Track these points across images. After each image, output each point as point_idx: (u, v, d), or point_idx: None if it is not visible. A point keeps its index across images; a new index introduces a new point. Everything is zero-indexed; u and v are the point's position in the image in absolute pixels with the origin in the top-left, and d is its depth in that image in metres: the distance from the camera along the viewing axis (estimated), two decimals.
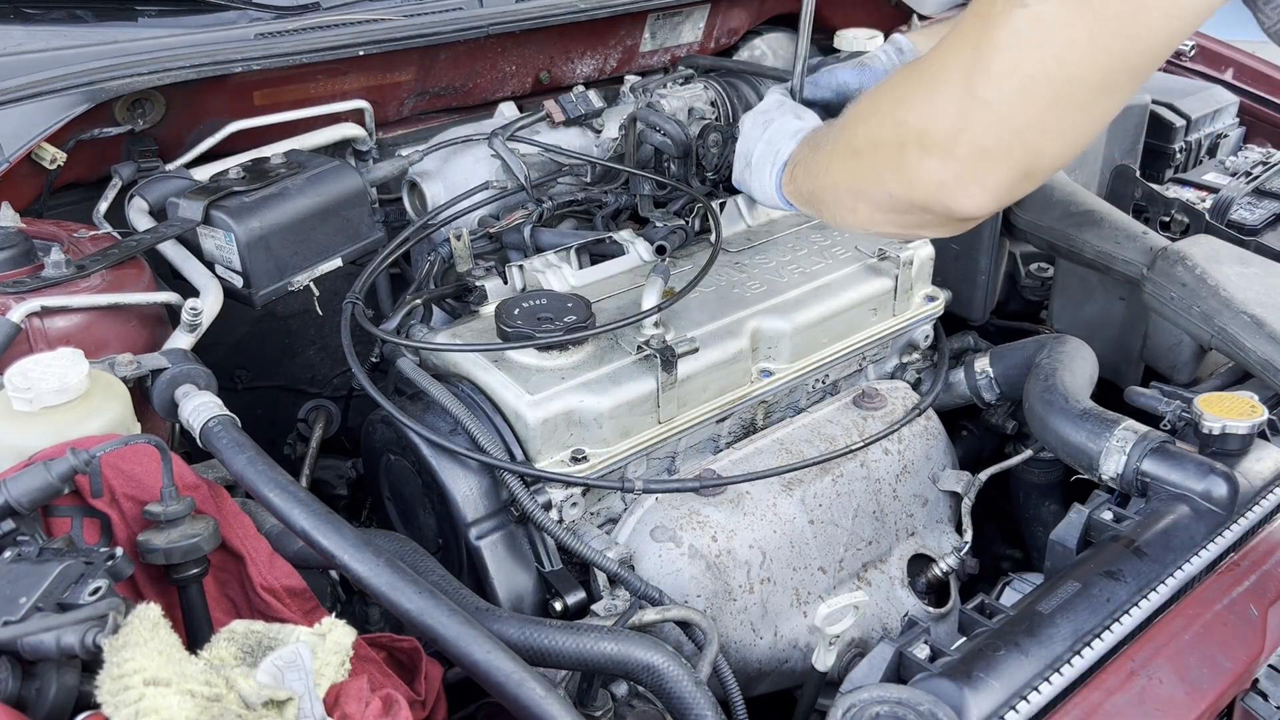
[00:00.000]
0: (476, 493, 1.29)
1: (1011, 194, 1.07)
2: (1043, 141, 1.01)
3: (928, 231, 1.21)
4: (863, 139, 1.19)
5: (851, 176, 1.24)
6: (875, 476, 1.51)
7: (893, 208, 1.17)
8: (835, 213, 1.32)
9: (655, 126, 1.70)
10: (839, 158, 1.26)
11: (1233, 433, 1.32)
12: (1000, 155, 1.03)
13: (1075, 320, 1.92)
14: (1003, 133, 1.01)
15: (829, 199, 1.32)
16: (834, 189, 1.29)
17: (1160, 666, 1.09)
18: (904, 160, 1.10)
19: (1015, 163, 1.03)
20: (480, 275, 1.51)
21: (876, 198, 1.18)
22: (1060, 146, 1.03)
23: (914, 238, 1.32)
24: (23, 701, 0.77)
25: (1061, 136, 1.02)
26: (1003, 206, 1.11)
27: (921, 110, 1.07)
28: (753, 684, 1.38)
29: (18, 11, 1.61)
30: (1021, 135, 1.01)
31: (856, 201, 1.23)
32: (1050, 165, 1.06)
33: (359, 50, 1.55)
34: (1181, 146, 2.24)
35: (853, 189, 1.23)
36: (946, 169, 1.06)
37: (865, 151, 1.19)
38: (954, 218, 1.11)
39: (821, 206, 1.36)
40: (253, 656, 0.83)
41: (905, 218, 1.18)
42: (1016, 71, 0.98)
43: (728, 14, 2.12)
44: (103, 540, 0.98)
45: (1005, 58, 0.98)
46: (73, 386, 1.02)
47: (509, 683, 0.89)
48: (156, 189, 1.41)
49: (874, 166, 1.17)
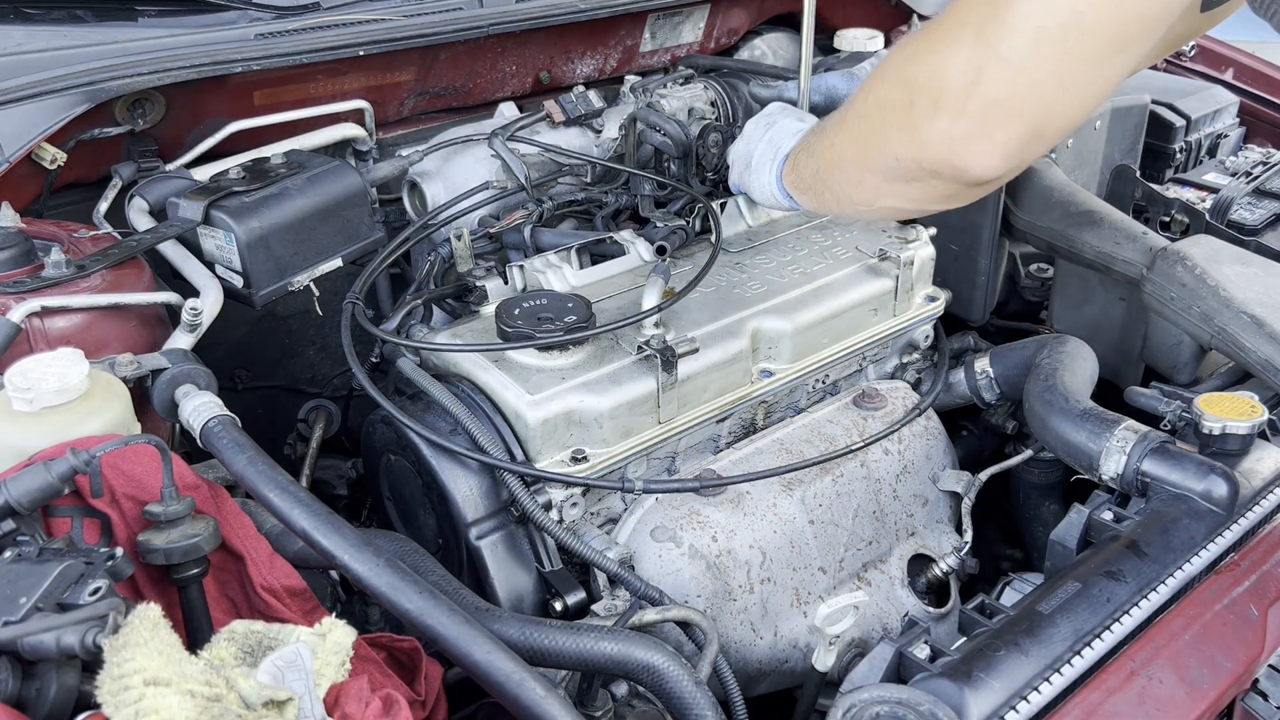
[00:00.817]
0: (476, 493, 1.29)
1: (1022, 154, 1.05)
2: (1055, 97, 1.00)
3: (935, 202, 1.17)
4: (871, 103, 1.16)
5: (857, 144, 1.21)
6: (875, 476, 1.51)
7: (900, 174, 1.14)
8: (840, 190, 1.29)
9: (655, 126, 1.70)
10: (846, 127, 1.23)
11: (1233, 433, 1.32)
12: (1013, 110, 1.01)
13: (1075, 320, 1.92)
14: (1016, 85, 1.00)
15: (833, 176, 1.29)
16: (838, 163, 1.26)
17: (1160, 666, 1.09)
18: (912, 119, 1.08)
19: (1027, 118, 1.02)
20: (480, 275, 1.51)
21: (883, 165, 1.15)
22: (1072, 104, 1.02)
23: (919, 212, 1.30)
24: (23, 701, 0.77)
25: (1074, 92, 1.01)
26: (1012, 170, 1.08)
27: (932, 66, 1.05)
28: (753, 684, 1.38)
29: (18, 11, 1.61)
30: (1035, 88, 1.00)
31: (861, 173, 1.21)
32: (1061, 124, 1.04)
33: (359, 50, 1.55)
34: (1181, 146, 2.25)
35: (858, 158, 1.21)
36: (956, 125, 1.04)
37: (873, 114, 1.16)
38: (963, 180, 1.09)
39: (824, 188, 1.32)
40: (253, 656, 0.83)
41: (912, 186, 1.15)
42: (1030, 21, 0.97)
43: (728, 14, 2.12)
44: (103, 540, 0.98)
45: (1019, 9, 0.98)
46: (73, 386, 1.02)
47: (509, 683, 0.89)
48: (156, 189, 1.41)
49: (881, 129, 1.14)
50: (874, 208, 1.25)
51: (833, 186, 1.30)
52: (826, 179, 1.30)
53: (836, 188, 1.29)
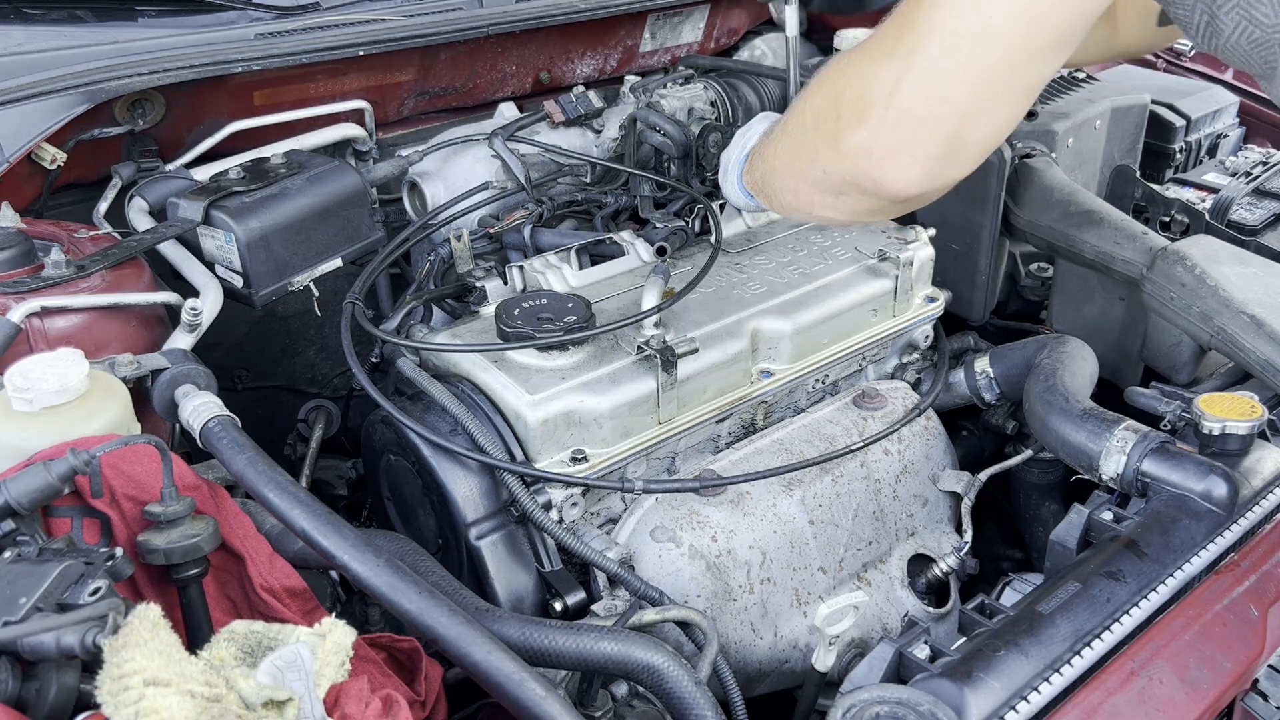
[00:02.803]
0: (476, 493, 1.29)
1: (943, 168, 1.05)
2: (971, 105, 1.00)
3: (863, 215, 1.18)
4: (806, 113, 1.18)
5: (792, 154, 1.23)
6: (875, 477, 1.51)
7: (827, 186, 1.15)
8: (781, 197, 1.31)
9: (655, 127, 1.70)
10: (785, 135, 1.25)
11: (1233, 433, 1.32)
12: (929, 121, 1.01)
13: (1075, 320, 1.92)
14: (931, 95, 1.00)
15: (775, 182, 1.31)
16: (779, 170, 1.28)
17: (1160, 666, 1.09)
18: (838, 130, 1.09)
19: (944, 131, 1.02)
20: (480, 276, 1.51)
21: (813, 175, 1.17)
22: (989, 113, 1.02)
23: (854, 223, 1.31)
24: (23, 702, 0.77)
25: (989, 100, 1.01)
26: (933, 187, 1.08)
27: (858, 78, 1.07)
28: (753, 684, 1.38)
29: (18, 11, 1.61)
30: (949, 99, 1.00)
31: (797, 182, 1.23)
32: (981, 136, 1.04)
33: (359, 50, 1.55)
34: (1181, 146, 2.25)
35: (793, 168, 1.22)
36: (875, 138, 1.05)
37: (806, 125, 1.18)
38: (883, 194, 1.09)
39: (771, 191, 1.34)
40: (253, 657, 0.83)
41: (840, 199, 1.16)
42: (940, 29, 0.98)
43: (728, 14, 2.12)
44: (103, 540, 0.98)
45: (932, 18, 0.99)
46: (73, 387, 1.02)
47: (509, 683, 0.89)
48: (156, 189, 1.41)
49: (812, 141, 1.16)
50: (812, 215, 1.27)
51: (776, 192, 1.32)
52: (771, 183, 1.32)
53: (779, 194, 1.31)
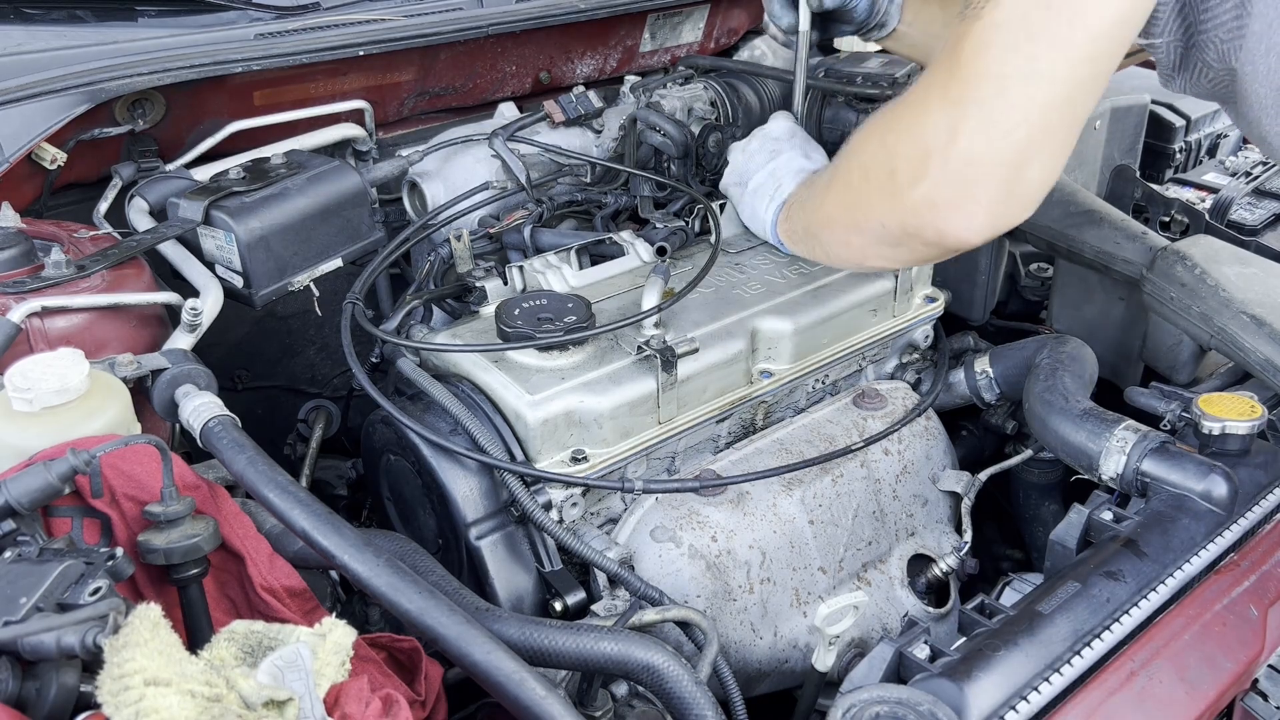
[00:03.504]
0: (476, 493, 1.29)
1: (1004, 213, 1.06)
2: (1028, 144, 1.01)
3: (919, 262, 1.22)
4: (856, 169, 1.19)
5: (844, 209, 1.24)
6: (875, 477, 1.51)
7: (885, 238, 1.17)
8: (829, 248, 1.33)
9: (655, 127, 1.70)
10: (833, 191, 1.26)
11: (1233, 433, 1.32)
12: (990, 165, 1.03)
13: (1075, 320, 1.92)
14: (991, 135, 1.01)
15: (824, 235, 1.32)
16: (828, 223, 1.30)
17: (1160, 666, 1.09)
18: (895, 185, 1.10)
19: (1005, 175, 1.03)
20: (480, 276, 1.51)
21: (869, 228, 1.18)
22: (1046, 152, 1.03)
23: (909, 268, 1.34)
24: (23, 702, 0.77)
25: (1046, 137, 1.02)
26: (995, 233, 1.09)
27: (910, 132, 1.08)
28: (753, 684, 1.38)
29: (18, 11, 1.61)
30: (1008, 138, 1.01)
31: (849, 234, 1.24)
32: (1038, 176, 1.05)
33: (359, 50, 1.55)
34: (1181, 146, 2.25)
35: (846, 222, 1.24)
36: (937, 189, 1.06)
37: (857, 182, 1.19)
38: (946, 244, 1.10)
39: (815, 244, 1.37)
40: (253, 657, 0.83)
41: (899, 250, 1.18)
42: (989, 74, 0.99)
43: (728, 14, 2.12)
44: (103, 540, 0.98)
45: (977, 65, 1.00)
46: (73, 387, 1.02)
47: (509, 683, 0.89)
48: (156, 189, 1.41)
49: (866, 196, 1.17)
50: (864, 266, 1.31)
51: (824, 243, 1.34)
52: (818, 235, 1.34)
53: (827, 245, 1.33)
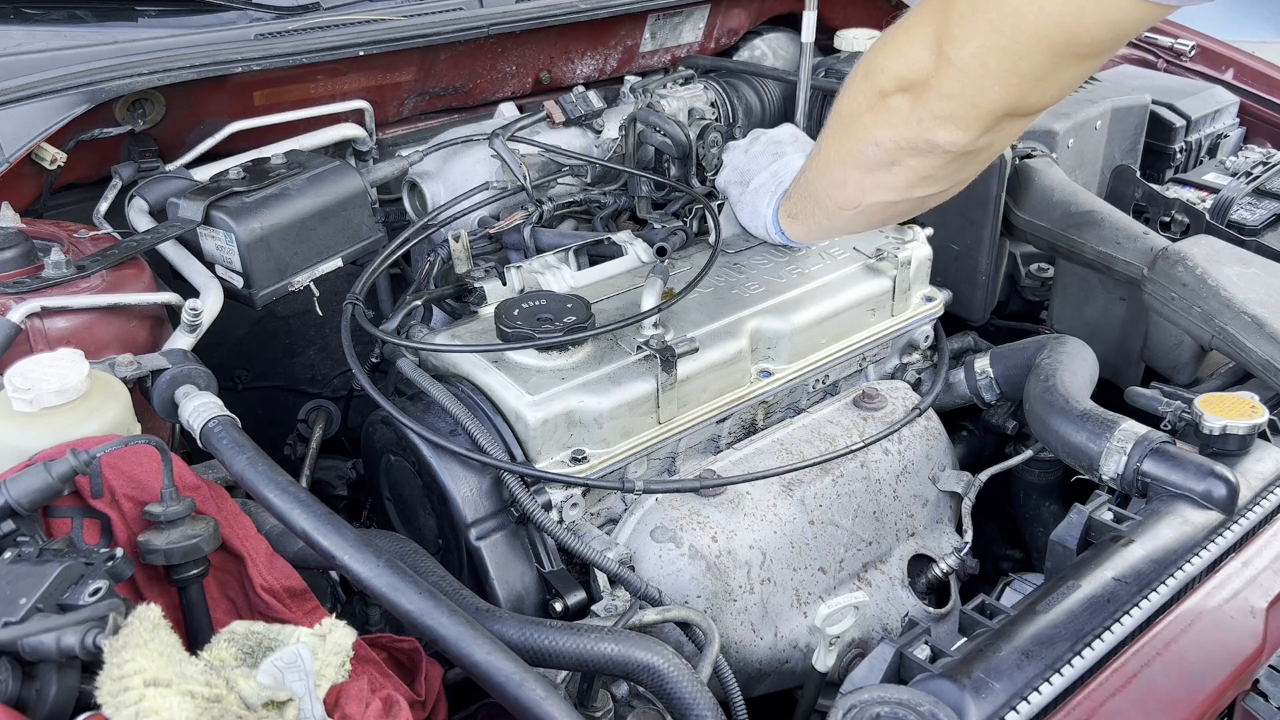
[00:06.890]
0: (477, 493, 1.29)
1: (999, 125, 1.07)
2: (1021, 85, 1.02)
3: (917, 185, 1.18)
4: (845, 104, 1.20)
5: (839, 142, 1.24)
6: (875, 477, 1.51)
7: (880, 161, 1.17)
8: (828, 198, 1.31)
9: (655, 127, 1.70)
10: (828, 133, 1.27)
11: (1233, 433, 1.32)
12: (978, 61, 1.03)
13: (1075, 321, 1.92)
14: (976, 36, 1.02)
15: (820, 185, 1.31)
16: (825, 168, 1.29)
17: (1160, 666, 1.09)
18: (888, 103, 1.11)
19: (997, 61, 1.03)
20: (480, 276, 1.51)
21: (863, 155, 1.18)
22: (1040, 94, 1.04)
23: (904, 205, 1.30)
24: (23, 702, 0.77)
25: (1030, 89, 1.03)
26: (987, 137, 1.09)
27: (897, 51, 1.09)
28: (753, 684, 1.38)
29: (18, 11, 1.61)
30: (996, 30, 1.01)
31: (845, 170, 1.24)
32: (1036, 103, 1.06)
33: (359, 50, 1.55)
34: (1182, 147, 2.25)
35: (841, 156, 1.24)
36: (927, 94, 1.07)
37: (848, 114, 1.20)
38: (940, 146, 1.11)
39: (815, 205, 1.35)
40: (253, 657, 0.83)
41: (893, 173, 1.17)
42: (976, 37, 1.00)
43: (728, 14, 2.12)
44: (103, 541, 0.98)
45: (966, 25, 1.00)
46: (73, 387, 1.02)
47: (509, 683, 0.89)
48: (156, 189, 1.41)
49: (858, 122, 1.18)
50: (860, 208, 1.27)
51: (819, 197, 1.32)
52: (814, 191, 1.33)
53: (823, 196, 1.32)
